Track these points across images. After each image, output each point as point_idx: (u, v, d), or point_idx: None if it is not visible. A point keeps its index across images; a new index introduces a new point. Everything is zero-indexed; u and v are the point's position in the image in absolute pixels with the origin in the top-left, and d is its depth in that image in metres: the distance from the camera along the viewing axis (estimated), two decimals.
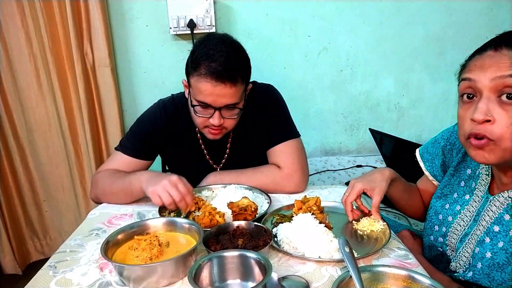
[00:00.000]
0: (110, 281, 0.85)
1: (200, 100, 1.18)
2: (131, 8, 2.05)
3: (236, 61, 1.15)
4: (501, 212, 0.89)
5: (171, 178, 1.09)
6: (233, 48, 1.17)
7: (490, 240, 0.89)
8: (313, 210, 1.04)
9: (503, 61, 0.79)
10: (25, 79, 2.03)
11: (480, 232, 0.92)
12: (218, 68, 1.11)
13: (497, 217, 0.89)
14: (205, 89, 1.14)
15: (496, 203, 0.90)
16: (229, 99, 1.17)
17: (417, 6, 2.14)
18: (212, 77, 1.12)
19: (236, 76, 1.14)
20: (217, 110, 1.18)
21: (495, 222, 0.89)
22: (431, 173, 1.16)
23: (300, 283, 0.80)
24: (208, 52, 1.13)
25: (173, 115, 1.35)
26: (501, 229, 0.88)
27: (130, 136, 1.35)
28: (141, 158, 1.33)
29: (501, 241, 0.87)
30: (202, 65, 1.13)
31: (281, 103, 1.40)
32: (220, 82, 1.13)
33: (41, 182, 2.21)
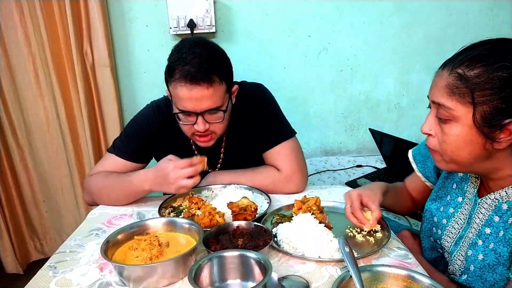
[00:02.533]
0: (110, 281, 0.85)
1: (180, 107, 1.15)
2: (131, 8, 2.05)
3: (210, 61, 1.12)
4: (490, 214, 0.90)
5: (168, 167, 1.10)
6: (206, 49, 1.14)
7: (482, 242, 0.90)
8: (313, 210, 1.04)
9: (440, 82, 0.83)
10: (24, 79, 2.02)
11: (472, 235, 0.93)
12: (191, 70, 1.09)
13: (487, 219, 0.90)
14: (182, 94, 1.12)
15: (485, 205, 0.91)
16: (209, 102, 1.13)
17: (417, 6, 2.14)
18: (186, 80, 1.09)
19: (212, 76, 1.11)
20: (199, 115, 1.15)
21: (486, 224, 0.90)
22: (424, 174, 1.16)
23: (300, 283, 0.81)
24: (181, 57, 1.11)
25: (166, 116, 1.32)
26: (492, 231, 0.89)
27: (124, 138, 1.33)
28: (135, 161, 1.31)
29: (491, 243, 0.88)
30: (176, 70, 1.11)
31: (273, 102, 1.37)
32: (196, 84, 1.10)
33: (40, 182, 2.21)
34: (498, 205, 0.88)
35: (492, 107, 0.76)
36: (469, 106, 0.78)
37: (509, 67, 0.75)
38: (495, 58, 0.76)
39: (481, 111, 0.77)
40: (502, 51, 0.77)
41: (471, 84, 0.77)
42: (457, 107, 0.80)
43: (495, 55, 0.77)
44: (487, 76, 0.76)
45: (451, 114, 0.81)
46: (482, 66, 0.77)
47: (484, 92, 0.76)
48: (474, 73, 0.77)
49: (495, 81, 0.75)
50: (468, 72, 0.78)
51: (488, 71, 0.76)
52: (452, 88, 0.80)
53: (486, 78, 0.76)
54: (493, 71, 0.75)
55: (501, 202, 0.88)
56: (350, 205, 1.01)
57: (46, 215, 2.28)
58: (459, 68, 0.79)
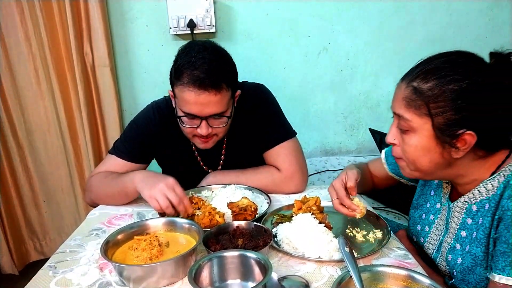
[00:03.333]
0: (110, 281, 0.85)
1: (185, 110, 1.15)
2: (131, 8, 2.05)
3: (219, 68, 1.12)
4: (463, 217, 0.92)
5: (167, 181, 1.05)
6: (215, 54, 1.14)
7: (460, 246, 0.92)
8: (313, 210, 1.04)
9: (399, 95, 0.87)
10: (24, 79, 2.02)
11: (450, 239, 0.95)
12: (200, 75, 1.08)
13: (461, 223, 0.92)
14: (189, 99, 1.11)
15: (457, 209, 0.93)
16: (215, 107, 1.13)
17: (417, 6, 2.14)
18: (195, 85, 1.09)
19: (220, 83, 1.11)
20: (203, 120, 1.15)
21: (461, 228, 0.92)
22: (397, 174, 1.18)
23: (300, 283, 0.81)
24: (190, 60, 1.10)
25: (167, 117, 1.32)
26: (467, 234, 0.91)
27: (124, 140, 1.33)
28: (136, 161, 1.31)
29: (467, 245, 0.90)
30: (184, 74, 1.10)
31: (273, 103, 1.37)
32: (204, 90, 1.09)
33: (40, 182, 2.21)
34: (468, 207, 0.91)
35: (446, 118, 0.80)
36: (424, 118, 0.82)
37: (460, 80, 0.78)
38: (447, 72, 0.80)
39: (436, 122, 0.81)
40: (455, 65, 0.81)
41: (425, 96, 0.81)
42: (414, 119, 0.84)
43: (448, 69, 0.80)
44: (440, 89, 0.80)
45: (409, 125, 0.85)
46: (435, 79, 0.81)
47: (437, 104, 0.80)
48: (428, 86, 0.81)
49: (447, 93, 0.79)
50: (422, 85, 0.82)
51: (440, 84, 0.80)
52: (408, 101, 0.84)
53: (439, 91, 0.80)
54: (445, 84, 0.79)
55: (470, 204, 0.90)
56: (336, 197, 1.03)
57: (46, 215, 2.28)
58: (414, 82, 0.83)
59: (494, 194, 0.85)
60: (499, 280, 0.77)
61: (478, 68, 0.80)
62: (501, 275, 0.77)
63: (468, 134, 0.79)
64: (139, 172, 1.18)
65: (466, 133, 0.79)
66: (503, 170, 0.84)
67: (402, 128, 0.87)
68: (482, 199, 0.87)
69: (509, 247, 0.77)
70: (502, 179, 0.83)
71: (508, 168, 0.83)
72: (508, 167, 0.83)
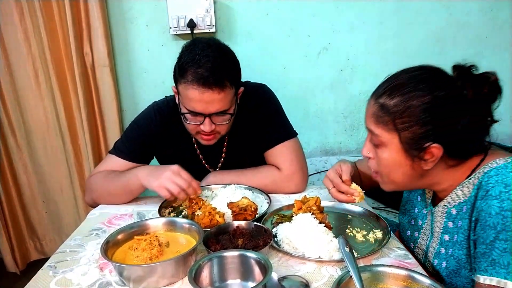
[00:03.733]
0: (110, 281, 0.85)
1: (189, 108, 1.16)
2: (131, 8, 2.05)
3: (223, 66, 1.12)
4: (445, 221, 0.94)
5: (171, 168, 1.10)
6: (219, 52, 1.14)
7: (445, 250, 0.93)
8: (313, 210, 1.03)
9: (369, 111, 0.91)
10: (23, 79, 2.02)
11: (436, 244, 0.97)
12: (204, 74, 1.09)
13: (444, 227, 0.94)
14: (193, 96, 1.12)
15: (439, 213, 0.95)
16: (218, 105, 1.14)
17: (417, 6, 2.14)
18: (199, 83, 1.10)
19: (224, 81, 1.12)
20: (207, 117, 1.16)
21: (444, 232, 0.94)
22: None
23: (300, 283, 0.81)
24: (194, 58, 1.11)
25: (167, 118, 1.33)
26: (450, 237, 0.92)
27: (125, 140, 1.34)
28: (136, 161, 1.31)
29: (450, 249, 0.91)
30: (188, 72, 1.11)
31: (275, 103, 1.37)
32: (208, 88, 1.10)
33: (39, 183, 2.20)
34: (448, 211, 0.92)
35: (412, 133, 0.83)
36: (392, 133, 0.86)
37: (423, 95, 0.82)
38: (411, 88, 0.83)
39: (403, 137, 0.85)
40: (418, 81, 0.84)
41: (391, 113, 0.85)
42: (383, 134, 0.87)
43: (411, 85, 0.84)
44: (404, 105, 0.83)
45: (380, 140, 0.89)
46: (400, 95, 0.84)
47: (403, 119, 0.83)
48: (393, 102, 0.85)
49: (412, 109, 0.82)
50: (388, 101, 0.86)
51: (404, 100, 0.83)
52: (377, 117, 0.88)
53: (403, 107, 0.83)
54: (409, 100, 0.82)
55: (450, 208, 0.92)
56: (332, 186, 1.06)
57: (46, 215, 2.27)
58: (381, 98, 0.88)
59: (470, 196, 0.86)
60: (483, 281, 0.78)
61: (441, 82, 0.83)
62: (485, 276, 0.78)
63: (434, 147, 0.82)
64: (142, 168, 1.20)
65: (432, 146, 0.82)
66: (477, 172, 0.85)
67: (374, 143, 0.91)
68: (460, 202, 0.89)
69: (487, 247, 0.78)
70: (476, 181, 0.85)
71: (481, 170, 0.85)
72: (481, 169, 0.85)
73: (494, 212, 0.76)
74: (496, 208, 0.76)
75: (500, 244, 0.75)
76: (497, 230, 0.76)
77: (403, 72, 0.89)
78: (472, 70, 0.84)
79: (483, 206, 0.79)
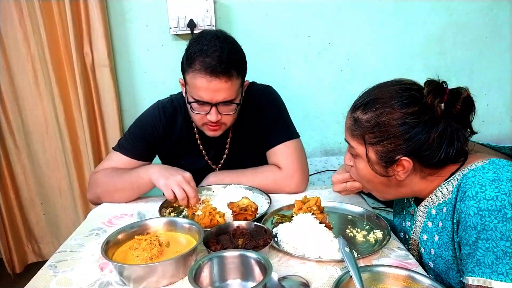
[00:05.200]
0: (110, 281, 0.85)
1: (196, 97, 1.18)
2: (131, 8, 2.05)
3: (231, 55, 1.15)
4: (425, 221, 0.95)
5: (185, 174, 1.13)
6: (227, 42, 1.17)
7: (424, 249, 0.95)
8: (313, 210, 1.04)
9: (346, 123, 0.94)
10: (23, 79, 2.01)
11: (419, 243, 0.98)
12: (212, 62, 1.12)
13: (423, 226, 0.95)
14: (201, 85, 1.14)
15: (420, 213, 0.97)
16: (225, 94, 1.16)
17: (417, 6, 2.14)
18: (206, 72, 1.12)
19: (231, 70, 1.14)
20: (213, 106, 1.18)
21: (423, 231, 0.96)
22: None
23: (300, 283, 0.81)
24: (202, 48, 1.14)
25: (172, 117, 1.35)
26: (428, 237, 0.94)
27: (129, 137, 1.35)
28: (140, 159, 1.33)
29: (431, 248, 0.92)
30: (196, 61, 1.13)
31: (280, 104, 1.39)
32: (215, 77, 1.13)
33: (38, 184, 2.19)
34: (428, 211, 0.94)
35: (383, 147, 0.87)
36: (364, 146, 0.90)
37: (392, 112, 0.85)
38: (382, 104, 0.86)
39: (375, 150, 0.88)
40: (389, 97, 0.86)
41: (362, 127, 0.89)
42: (357, 146, 0.91)
43: (383, 101, 0.87)
44: (375, 120, 0.86)
45: (355, 152, 0.93)
46: (371, 111, 0.88)
47: (374, 134, 0.87)
48: (366, 117, 0.88)
49: (381, 125, 0.86)
50: (361, 116, 0.89)
51: (375, 116, 0.86)
52: (351, 130, 0.92)
53: (374, 122, 0.87)
54: (379, 116, 0.86)
55: (430, 208, 0.93)
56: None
57: (44, 217, 2.26)
58: (355, 112, 0.91)
59: (450, 197, 0.87)
60: (472, 283, 0.78)
61: (412, 99, 0.85)
62: (473, 277, 0.78)
63: (405, 160, 0.85)
64: (154, 165, 1.24)
65: (403, 159, 0.85)
66: (457, 174, 0.86)
67: (352, 153, 0.95)
68: (439, 202, 0.90)
69: (471, 248, 0.78)
70: (455, 183, 0.86)
71: (461, 171, 0.86)
72: (461, 171, 0.86)
73: (473, 213, 0.77)
74: (474, 209, 0.77)
75: (483, 244, 0.76)
76: (478, 230, 0.77)
77: (378, 86, 0.92)
78: (444, 87, 0.87)
79: (462, 208, 0.80)
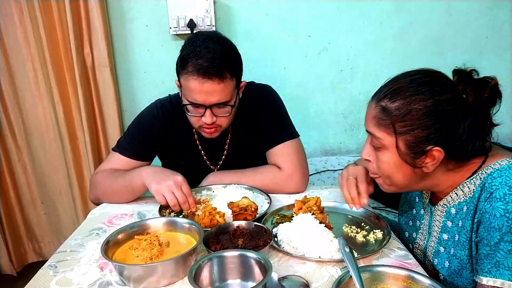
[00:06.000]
0: (111, 280, 0.85)
1: (190, 99, 1.17)
2: (131, 8, 2.05)
3: (223, 57, 1.14)
4: (444, 220, 0.94)
5: (176, 178, 1.10)
6: (220, 44, 1.16)
7: (444, 249, 0.94)
8: (313, 210, 1.04)
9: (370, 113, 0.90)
10: (23, 79, 2.01)
11: (434, 243, 0.97)
12: (204, 64, 1.11)
13: (442, 226, 0.94)
14: (194, 87, 1.14)
15: (438, 212, 0.95)
16: (218, 96, 1.15)
17: (417, 6, 2.14)
18: (199, 74, 1.11)
19: (224, 72, 1.13)
20: (208, 109, 1.17)
21: (442, 231, 0.94)
22: None
23: (300, 283, 0.81)
24: (195, 50, 1.13)
25: (170, 115, 1.34)
26: (449, 236, 0.93)
27: (128, 137, 1.35)
28: (139, 159, 1.32)
29: (451, 248, 0.91)
30: (189, 63, 1.13)
31: (279, 104, 1.39)
32: (207, 79, 1.12)
33: (38, 184, 2.19)
34: (448, 210, 0.93)
35: (414, 136, 0.83)
36: (393, 136, 0.86)
37: (425, 99, 0.82)
38: (412, 91, 0.83)
39: (404, 140, 0.84)
40: (419, 84, 0.84)
41: (392, 116, 0.84)
42: (384, 137, 0.87)
43: (413, 88, 0.83)
44: (406, 108, 0.83)
45: (381, 143, 0.88)
46: (401, 99, 0.84)
47: (404, 123, 0.83)
48: (395, 105, 0.84)
49: (413, 112, 0.82)
50: (390, 104, 0.85)
51: (406, 103, 0.83)
52: (378, 120, 0.87)
53: (405, 110, 0.83)
54: (411, 103, 0.82)
55: (449, 207, 0.92)
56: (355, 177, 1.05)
57: (44, 217, 2.26)
58: (382, 101, 0.87)
59: (472, 196, 0.86)
60: (487, 283, 0.78)
61: (442, 86, 0.83)
62: (488, 277, 0.78)
63: (436, 150, 0.82)
64: (147, 167, 1.22)
65: (434, 149, 0.82)
66: (479, 173, 0.85)
67: (374, 145, 0.90)
68: (459, 201, 0.89)
69: (491, 249, 0.78)
70: (478, 182, 0.85)
71: (484, 171, 0.85)
72: (484, 169, 0.85)
73: (499, 214, 0.76)
74: (501, 210, 0.76)
75: (505, 246, 0.76)
76: (502, 232, 0.76)
77: (403, 75, 0.88)
78: (472, 75, 0.84)
79: (486, 208, 0.79)
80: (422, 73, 0.87)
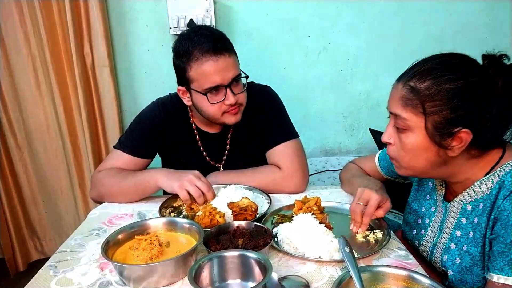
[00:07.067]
0: (111, 280, 0.85)
1: (209, 84, 1.18)
2: (131, 8, 2.05)
3: (220, 35, 1.20)
4: (458, 217, 0.93)
5: (193, 172, 1.16)
6: (210, 29, 1.22)
7: (455, 245, 0.93)
8: (314, 210, 1.04)
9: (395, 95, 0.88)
10: (23, 79, 2.02)
11: (445, 240, 0.96)
12: (210, 44, 1.15)
13: (456, 222, 0.93)
14: (210, 69, 1.16)
15: (453, 209, 0.95)
16: (233, 69, 1.19)
17: (417, 6, 2.14)
18: (210, 53, 1.15)
19: (228, 46, 1.19)
20: (227, 88, 1.19)
21: (456, 227, 0.94)
22: (392, 176, 1.21)
23: (300, 283, 0.81)
24: (193, 39, 1.16)
25: (171, 113, 1.35)
26: (462, 233, 0.92)
27: (129, 135, 1.36)
28: (140, 156, 1.33)
29: (464, 245, 0.91)
30: (195, 52, 1.15)
31: (279, 104, 1.40)
32: (220, 55, 1.15)
33: (39, 183, 2.20)
34: (463, 207, 0.92)
35: (442, 117, 0.82)
36: (421, 116, 0.84)
37: (455, 79, 0.80)
38: (443, 72, 0.82)
39: (432, 121, 0.83)
40: (449, 65, 0.83)
41: (421, 96, 0.83)
42: (411, 118, 0.85)
43: (443, 69, 0.82)
44: (436, 88, 0.81)
45: (406, 124, 0.86)
46: (431, 79, 0.82)
47: (434, 103, 0.82)
48: (424, 85, 0.83)
49: (443, 92, 0.81)
50: (419, 84, 0.84)
51: (436, 83, 0.82)
52: (405, 100, 0.85)
53: (435, 90, 0.81)
54: (441, 83, 0.81)
55: (465, 203, 0.91)
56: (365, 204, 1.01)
57: (46, 215, 2.27)
58: (411, 81, 0.85)
59: (489, 194, 0.86)
60: (497, 280, 0.78)
61: (472, 68, 0.82)
62: (499, 275, 0.78)
63: (464, 132, 0.81)
64: (159, 170, 1.25)
65: (462, 131, 0.81)
66: (497, 170, 0.85)
67: (399, 127, 0.88)
68: (476, 198, 0.89)
69: (506, 247, 0.77)
70: (496, 179, 0.85)
71: (502, 168, 0.84)
72: (502, 167, 0.84)
73: None
74: None
75: None
76: None
77: (432, 57, 0.87)
78: (503, 60, 0.84)
79: (506, 206, 0.79)
80: (450, 56, 0.86)
